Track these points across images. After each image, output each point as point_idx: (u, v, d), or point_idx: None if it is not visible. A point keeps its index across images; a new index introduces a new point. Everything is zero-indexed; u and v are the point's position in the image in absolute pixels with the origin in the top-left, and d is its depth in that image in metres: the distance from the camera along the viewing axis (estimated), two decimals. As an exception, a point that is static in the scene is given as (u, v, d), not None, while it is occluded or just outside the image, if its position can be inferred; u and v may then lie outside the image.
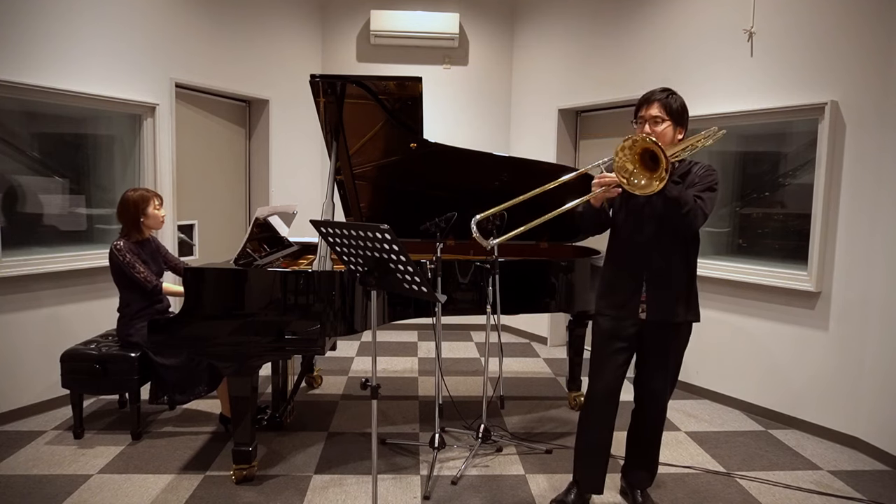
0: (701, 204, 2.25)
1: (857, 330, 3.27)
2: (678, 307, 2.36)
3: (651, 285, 2.36)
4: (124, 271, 3.13)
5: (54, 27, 3.49)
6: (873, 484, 2.90)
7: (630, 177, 2.14)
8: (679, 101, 2.36)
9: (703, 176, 2.34)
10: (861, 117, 3.23)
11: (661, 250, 2.35)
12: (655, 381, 2.48)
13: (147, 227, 3.26)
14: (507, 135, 5.74)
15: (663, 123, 2.32)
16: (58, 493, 2.64)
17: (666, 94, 2.35)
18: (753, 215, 4.00)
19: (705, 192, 2.29)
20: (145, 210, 3.22)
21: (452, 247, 3.80)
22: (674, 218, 2.26)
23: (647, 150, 2.10)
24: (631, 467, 2.65)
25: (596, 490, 2.51)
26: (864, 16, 3.19)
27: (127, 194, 3.23)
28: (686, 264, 2.40)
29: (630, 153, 2.13)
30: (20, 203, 3.58)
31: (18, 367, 3.45)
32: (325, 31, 5.62)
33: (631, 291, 2.38)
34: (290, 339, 2.64)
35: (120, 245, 3.13)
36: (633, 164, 2.14)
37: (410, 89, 2.93)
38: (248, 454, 2.75)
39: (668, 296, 2.35)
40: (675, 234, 2.34)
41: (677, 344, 2.44)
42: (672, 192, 2.20)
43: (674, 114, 2.33)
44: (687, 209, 2.21)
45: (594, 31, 4.80)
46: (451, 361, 4.84)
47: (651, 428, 2.56)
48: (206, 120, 4.84)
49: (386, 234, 2.08)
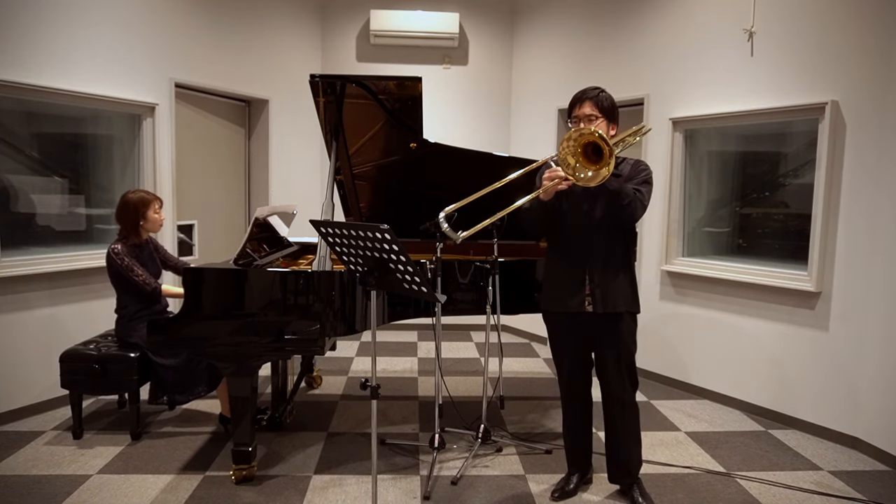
0: (640, 196, 2.37)
1: (857, 330, 3.27)
2: (621, 299, 2.45)
3: (594, 278, 2.44)
4: (122, 274, 3.12)
5: (54, 27, 3.48)
6: (873, 484, 2.90)
7: (574, 171, 2.24)
8: (609, 98, 2.48)
9: (638, 171, 2.47)
10: (861, 117, 3.23)
11: (603, 243, 2.44)
12: (611, 374, 2.53)
13: (145, 231, 3.24)
14: (507, 135, 5.74)
15: (597, 121, 2.43)
16: (57, 494, 2.64)
17: (597, 91, 2.46)
18: (753, 215, 4.00)
19: (643, 185, 2.41)
20: (145, 213, 3.19)
21: (452, 247, 3.79)
22: (615, 210, 2.37)
23: (590, 143, 2.20)
24: (611, 468, 2.68)
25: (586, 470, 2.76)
26: (864, 16, 3.19)
27: (127, 196, 3.20)
28: (626, 256, 2.50)
29: (574, 145, 2.21)
30: (19, 203, 3.57)
31: (18, 367, 3.44)
32: (325, 31, 5.62)
33: (576, 285, 2.46)
34: (289, 339, 2.64)
35: (118, 248, 3.11)
36: (574, 157, 2.23)
37: (410, 89, 2.93)
38: (248, 454, 2.75)
39: (611, 288, 2.44)
40: (616, 226, 2.44)
41: (624, 335, 2.50)
42: (613, 184, 2.31)
43: (606, 111, 2.45)
44: (628, 200, 2.33)
45: (594, 31, 4.79)
46: (451, 361, 4.84)
47: (617, 423, 2.58)
48: (206, 120, 4.84)
49: (386, 234, 2.08)
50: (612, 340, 2.49)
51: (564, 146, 2.22)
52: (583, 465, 2.74)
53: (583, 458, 2.73)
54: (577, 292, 2.45)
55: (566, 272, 2.50)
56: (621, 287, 2.45)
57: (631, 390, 2.54)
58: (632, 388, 2.55)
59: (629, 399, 2.55)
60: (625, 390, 2.53)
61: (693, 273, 4.08)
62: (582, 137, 2.20)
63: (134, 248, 3.19)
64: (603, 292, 2.43)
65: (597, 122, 2.41)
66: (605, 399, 2.59)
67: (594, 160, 2.21)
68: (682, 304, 4.18)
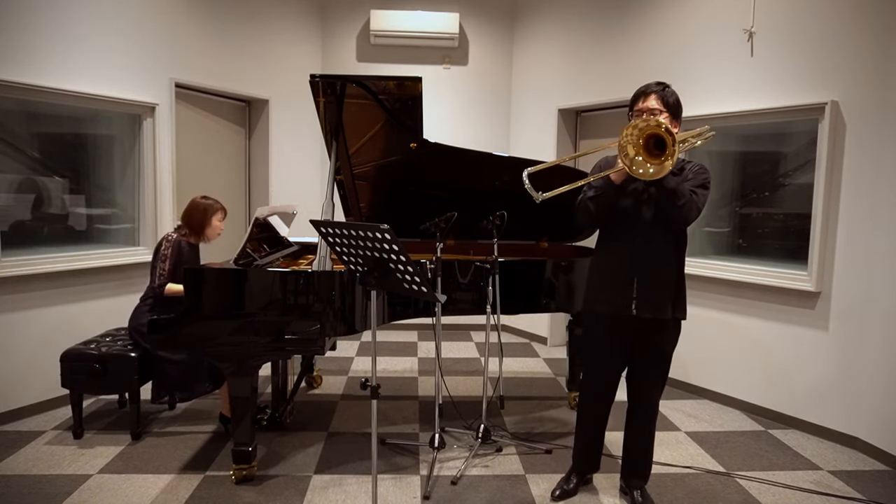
0: (696, 198, 2.27)
1: (857, 330, 3.27)
2: (667, 304, 2.37)
3: (641, 282, 2.36)
4: (157, 258, 3.13)
5: (54, 27, 3.48)
6: (873, 484, 2.90)
7: (632, 163, 2.14)
8: (675, 95, 2.38)
9: (697, 173, 2.37)
10: (861, 117, 3.23)
11: (653, 247, 2.35)
12: (645, 379, 2.51)
13: (206, 236, 3.27)
14: (507, 135, 5.74)
15: (660, 116, 2.32)
16: (57, 494, 2.64)
17: (662, 87, 2.36)
18: (753, 215, 4.00)
19: (699, 188, 2.32)
20: (210, 220, 3.23)
21: (452, 247, 3.79)
22: (669, 210, 2.27)
23: (654, 135, 2.10)
24: (628, 468, 2.66)
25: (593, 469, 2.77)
26: (864, 15, 3.19)
27: (197, 200, 3.25)
28: (676, 262, 2.41)
29: (638, 135, 2.11)
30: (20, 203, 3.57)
31: (18, 367, 3.44)
32: (325, 31, 5.62)
33: (621, 288, 2.38)
34: (289, 339, 2.64)
35: (172, 237, 3.14)
36: (635, 148, 2.13)
37: (410, 89, 2.92)
38: (248, 454, 2.75)
39: (657, 293, 2.36)
40: (667, 229, 2.35)
41: (666, 341, 2.46)
42: (670, 182, 2.22)
43: (671, 107, 2.34)
44: (683, 201, 2.23)
45: (594, 30, 4.79)
46: (451, 361, 4.84)
47: (644, 427, 2.57)
48: (206, 120, 4.84)
49: (386, 234, 2.08)
50: (653, 346, 2.44)
51: (627, 134, 2.10)
52: (591, 466, 2.72)
53: (594, 460, 2.71)
54: (622, 294, 2.37)
55: (613, 273, 2.42)
56: (668, 292, 2.36)
57: (659, 395, 2.53)
58: (660, 393, 2.53)
59: (656, 403, 2.54)
60: (655, 396, 2.51)
61: (693, 273, 4.07)
62: (648, 128, 2.09)
63: (189, 246, 3.21)
64: (649, 296, 2.35)
65: (660, 116, 2.30)
66: (633, 402, 2.57)
67: (655, 154, 2.10)
68: (682, 304, 4.18)
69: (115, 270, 3.86)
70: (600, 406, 2.61)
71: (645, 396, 2.52)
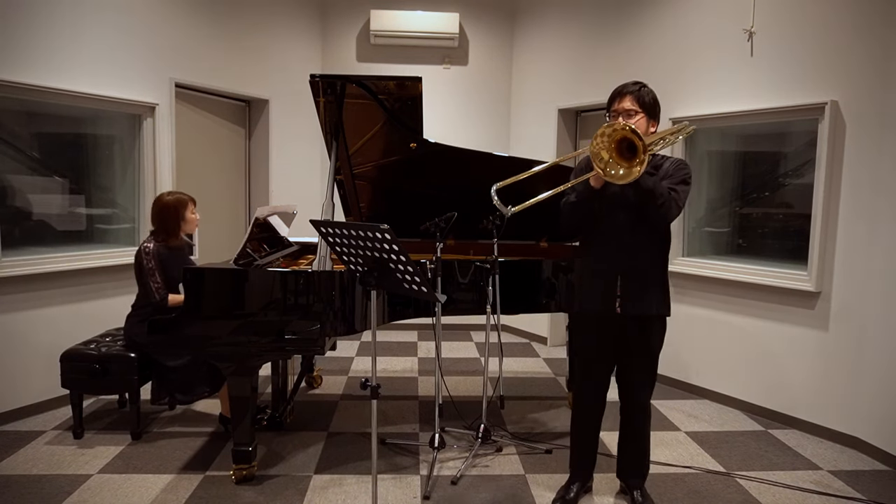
0: (675, 196, 2.27)
1: (856, 330, 3.27)
2: (652, 301, 2.39)
3: (626, 279, 2.37)
4: (144, 274, 3.08)
5: (54, 27, 3.48)
6: (873, 484, 2.90)
7: (606, 167, 2.15)
8: (651, 93, 2.37)
9: (677, 169, 2.37)
10: (861, 117, 3.23)
11: (636, 245, 2.36)
12: (634, 377, 2.51)
13: (184, 232, 3.22)
14: (507, 135, 5.74)
15: (636, 116, 2.32)
16: (57, 493, 2.64)
17: (638, 86, 2.36)
18: (753, 215, 4.00)
19: (679, 184, 2.31)
20: (184, 214, 3.17)
21: (452, 247, 3.79)
22: (648, 210, 2.27)
23: (625, 138, 2.11)
24: (624, 468, 2.67)
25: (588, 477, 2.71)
26: (864, 15, 3.19)
27: (164, 199, 3.16)
28: (660, 259, 2.43)
29: (608, 140, 2.13)
30: (20, 203, 3.58)
31: (18, 367, 3.44)
32: (325, 31, 5.62)
33: (606, 287, 2.40)
34: (290, 339, 2.64)
35: (150, 248, 3.06)
36: (608, 152, 2.14)
37: (410, 89, 2.92)
38: (248, 454, 2.75)
39: (642, 290, 2.37)
40: (649, 227, 2.35)
41: (653, 339, 2.47)
42: (647, 182, 2.21)
43: (646, 106, 2.34)
44: (662, 200, 2.23)
45: (594, 31, 4.80)
46: (451, 361, 4.84)
47: (638, 426, 2.57)
48: (206, 120, 4.84)
49: (386, 234, 2.08)
50: (640, 343, 2.45)
51: (598, 141, 2.13)
52: (587, 470, 2.70)
53: (589, 463, 2.69)
54: (607, 294, 2.39)
55: (597, 273, 2.43)
56: (652, 290, 2.38)
57: (650, 393, 2.53)
58: (650, 391, 2.54)
59: (647, 402, 2.54)
60: (645, 394, 2.52)
61: (693, 273, 4.08)
62: (616, 133, 2.11)
63: (173, 249, 3.13)
64: (633, 294, 2.36)
65: (636, 117, 2.31)
66: (624, 401, 2.57)
67: (628, 157, 2.11)
68: (681, 304, 4.18)
69: (115, 270, 3.86)
70: (594, 407, 2.62)
71: (636, 395, 2.53)
